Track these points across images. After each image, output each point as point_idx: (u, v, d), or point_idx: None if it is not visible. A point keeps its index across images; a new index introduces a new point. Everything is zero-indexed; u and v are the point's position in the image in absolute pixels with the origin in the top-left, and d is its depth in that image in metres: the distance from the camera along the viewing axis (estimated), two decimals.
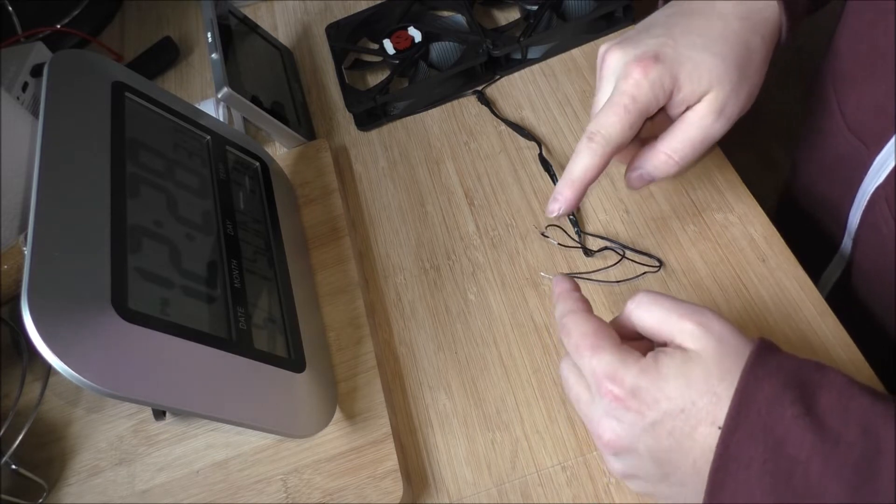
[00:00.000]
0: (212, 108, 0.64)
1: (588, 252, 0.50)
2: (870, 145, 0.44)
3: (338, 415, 0.46)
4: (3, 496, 0.47)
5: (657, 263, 0.48)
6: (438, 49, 0.64)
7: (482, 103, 0.61)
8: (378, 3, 0.69)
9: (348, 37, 0.68)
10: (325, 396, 0.45)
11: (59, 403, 0.52)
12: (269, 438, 0.46)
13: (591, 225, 0.52)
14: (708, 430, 0.31)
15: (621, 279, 0.49)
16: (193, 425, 0.49)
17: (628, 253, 0.49)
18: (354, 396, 0.47)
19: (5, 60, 0.70)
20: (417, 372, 0.49)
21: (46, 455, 0.50)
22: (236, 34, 0.62)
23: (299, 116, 0.64)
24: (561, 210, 0.41)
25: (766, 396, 0.30)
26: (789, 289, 0.45)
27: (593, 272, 0.49)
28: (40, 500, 0.48)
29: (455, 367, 0.49)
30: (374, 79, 0.66)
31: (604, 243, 0.50)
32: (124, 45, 0.80)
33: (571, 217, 0.52)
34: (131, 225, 0.40)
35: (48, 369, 0.53)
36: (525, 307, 0.50)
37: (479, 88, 0.62)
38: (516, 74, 0.62)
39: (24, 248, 0.54)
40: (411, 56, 0.63)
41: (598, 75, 0.43)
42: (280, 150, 0.63)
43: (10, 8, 0.76)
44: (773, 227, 0.48)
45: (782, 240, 0.47)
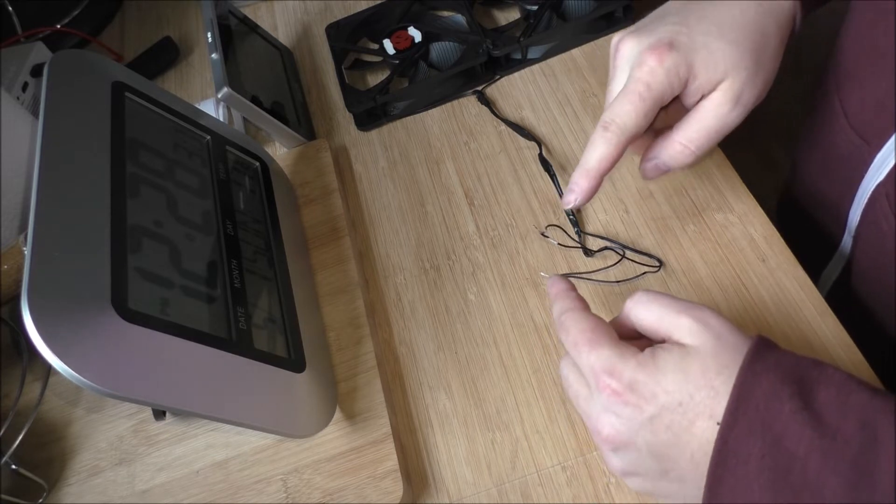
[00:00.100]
0: (212, 108, 0.64)
1: (588, 252, 0.50)
2: (871, 143, 0.44)
3: (338, 415, 0.46)
4: (3, 496, 0.47)
5: (657, 263, 0.48)
6: (438, 49, 0.64)
7: (482, 103, 0.61)
8: (378, 3, 0.69)
9: (348, 37, 0.68)
10: (325, 396, 0.45)
11: (59, 403, 0.52)
12: (269, 438, 0.46)
13: (591, 225, 0.52)
14: (706, 424, 0.31)
15: (621, 279, 0.49)
16: (193, 425, 0.49)
17: (628, 253, 0.49)
18: (354, 396, 0.47)
19: (5, 60, 0.70)
20: (417, 372, 0.49)
21: (46, 455, 0.50)
22: (236, 34, 0.62)
23: (299, 116, 0.64)
24: (577, 201, 0.41)
25: (765, 392, 0.30)
26: (789, 289, 0.45)
27: (593, 272, 0.49)
28: (40, 500, 0.48)
29: (455, 367, 0.49)
30: (374, 79, 0.66)
31: (604, 243, 0.50)
32: (124, 45, 0.80)
33: (571, 217, 0.52)
34: (131, 225, 0.40)
35: (48, 369, 0.53)
36: (525, 307, 0.50)
37: (479, 88, 0.62)
38: (516, 74, 0.62)
39: (24, 248, 0.54)
40: (411, 56, 0.63)
41: (612, 65, 0.42)
42: (280, 150, 0.63)
43: (10, 8, 0.76)
44: (773, 227, 0.48)
45: (782, 240, 0.47)
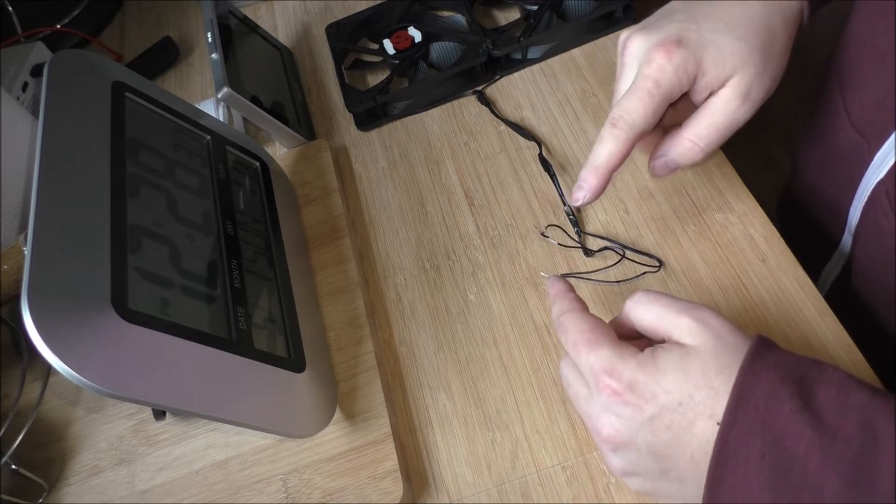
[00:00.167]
0: (212, 108, 0.64)
1: (588, 252, 0.50)
2: (871, 141, 0.44)
3: (338, 415, 0.46)
4: (3, 496, 0.47)
5: (657, 263, 0.48)
6: (438, 49, 0.64)
7: (482, 103, 0.61)
8: (378, 3, 0.69)
9: (348, 37, 0.68)
10: (325, 396, 0.45)
11: (59, 403, 0.52)
12: (269, 438, 0.46)
13: (591, 225, 0.52)
14: (706, 424, 0.31)
15: (621, 279, 0.49)
16: (193, 425, 0.49)
17: (628, 253, 0.49)
18: (354, 396, 0.47)
19: (5, 60, 0.70)
20: (417, 372, 0.49)
21: (46, 455, 0.50)
22: (236, 34, 0.62)
23: (299, 116, 0.64)
24: (586, 198, 0.41)
25: (765, 391, 0.30)
26: (789, 289, 0.45)
27: (593, 272, 0.49)
28: (40, 500, 0.48)
29: (455, 367, 0.49)
30: (374, 79, 0.66)
31: (604, 243, 0.50)
32: (124, 45, 0.80)
33: (571, 217, 0.52)
34: (131, 225, 0.40)
35: (48, 369, 0.53)
36: (525, 307, 0.50)
37: (479, 88, 0.62)
38: (516, 74, 0.62)
39: (24, 248, 0.54)
40: (411, 56, 0.63)
41: (620, 62, 0.42)
42: (280, 150, 0.63)
43: (10, 8, 0.76)
44: (773, 227, 0.48)
45: (782, 240, 0.47)
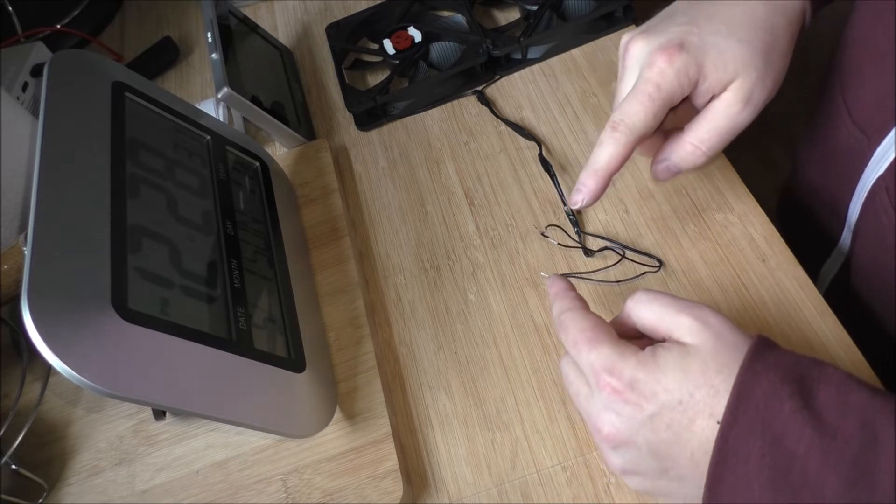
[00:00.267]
0: (212, 108, 0.64)
1: (588, 252, 0.50)
2: (871, 136, 0.44)
3: (338, 415, 0.46)
4: (3, 496, 0.47)
5: (657, 263, 0.48)
6: (438, 49, 0.64)
7: (482, 103, 0.61)
8: (378, 3, 0.69)
9: (348, 37, 0.68)
10: (325, 396, 0.45)
11: (59, 403, 0.52)
12: (269, 438, 0.46)
13: (591, 225, 0.52)
14: (706, 423, 0.31)
15: (621, 279, 0.49)
16: (193, 425, 0.49)
17: (628, 253, 0.49)
18: (354, 396, 0.47)
19: (5, 60, 0.70)
20: (417, 372, 0.49)
21: (46, 455, 0.50)
22: (236, 34, 0.62)
23: (299, 116, 0.64)
24: (585, 201, 0.40)
25: (765, 391, 0.30)
26: (789, 289, 0.45)
27: (593, 272, 0.49)
28: (40, 500, 0.48)
29: (455, 367, 0.49)
30: (374, 79, 0.66)
31: (604, 243, 0.50)
32: (124, 45, 0.80)
33: (571, 217, 0.52)
34: (131, 225, 0.40)
35: (48, 369, 0.53)
36: (525, 307, 0.50)
37: (479, 88, 0.62)
38: (516, 74, 0.62)
39: (24, 248, 0.54)
40: (411, 56, 0.63)
41: (621, 65, 0.42)
42: (280, 150, 0.63)
43: (10, 8, 0.76)
44: (773, 227, 0.48)
45: (782, 240, 0.47)
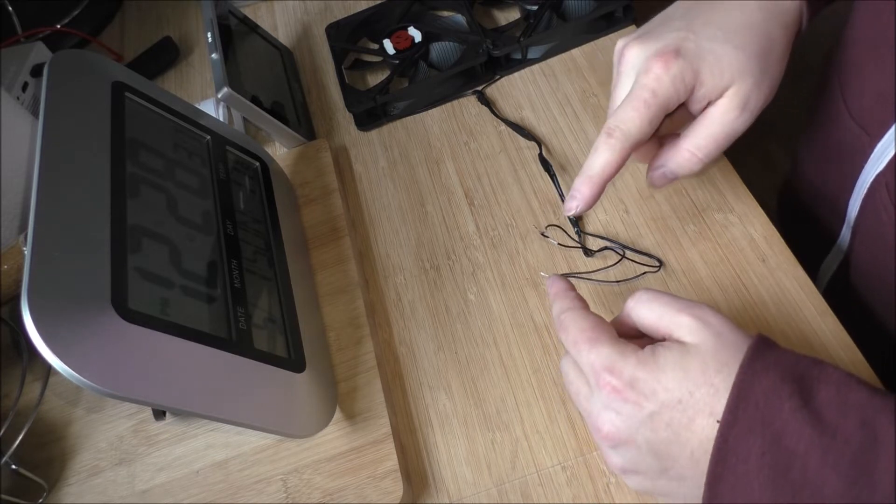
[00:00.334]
0: (212, 108, 0.64)
1: (588, 252, 0.50)
2: (871, 133, 0.44)
3: (338, 415, 0.46)
4: (3, 496, 0.47)
5: (657, 263, 0.48)
6: (438, 49, 0.64)
7: (482, 103, 0.61)
8: (378, 3, 0.69)
9: (348, 37, 0.68)
10: (325, 396, 0.45)
11: (59, 403, 0.52)
12: (269, 438, 0.46)
13: (591, 225, 0.52)
14: (706, 422, 0.31)
15: (621, 279, 0.49)
16: (193, 425, 0.49)
17: (628, 253, 0.49)
18: (354, 396, 0.47)
19: (5, 60, 0.70)
20: (417, 372, 0.49)
21: (46, 455, 0.50)
22: (236, 34, 0.62)
23: (299, 116, 0.64)
24: (579, 208, 0.40)
25: (764, 390, 0.30)
26: (789, 289, 0.45)
27: (593, 272, 0.49)
28: (40, 500, 0.48)
29: (455, 367, 0.49)
30: (374, 79, 0.66)
31: (604, 243, 0.50)
32: (124, 45, 0.80)
33: (571, 217, 0.52)
34: (131, 225, 0.40)
35: (48, 369, 0.53)
36: (525, 307, 0.50)
37: (479, 88, 0.62)
38: (516, 74, 0.62)
39: (24, 248, 0.54)
40: (411, 56, 0.63)
41: (616, 70, 0.42)
42: (280, 150, 0.63)
43: (10, 8, 0.76)
44: (773, 227, 0.48)
45: (782, 240, 0.47)
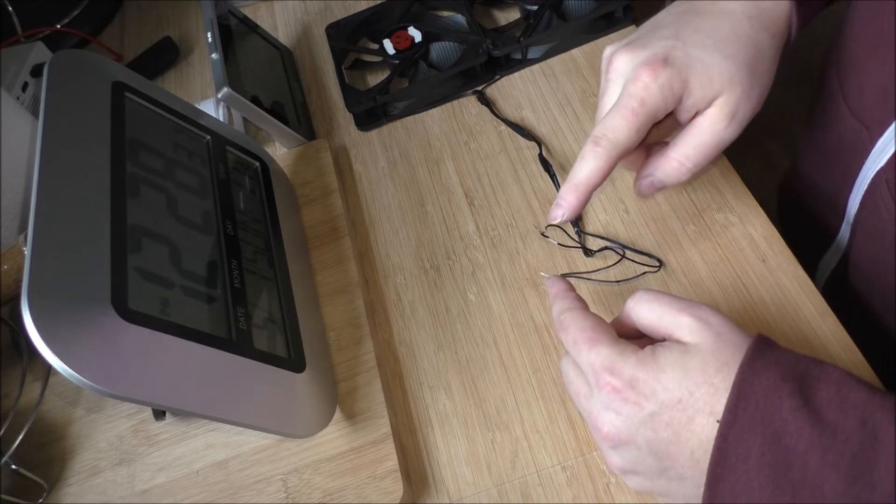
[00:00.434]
0: (212, 108, 0.64)
1: (588, 252, 0.50)
2: (871, 129, 0.44)
3: (338, 415, 0.46)
4: (3, 496, 0.47)
5: (657, 263, 0.48)
6: (438, 49, 0.64)
7: (482, 103, 0.61)
8: (378, 3, 0.69)
9: (348, 37, 0.68)
10: (325, 396, 0.45)
11: (59, 403, 0.52)
12: (269, 438, 0.46)
13: (591, 225, 0.52)
14: (706, 421, 0.31)
15: (621, 279, 0.49)
16: (193, 425, 0.49)
17: (628, 253, 0.49)
18: (354, 396, 0.47)
19: (5, 60, 0.70)
20: (417, 372, 0.49)
21: (46, 455, 0.50)
22: (236, 34, 0.62)
23: (299, 116, 0.64)
24: (564, 216, 0.40)
25: (764, 389, 0.30)
26: (789, 289, 0.45)
27: (593, 272, 0.49)
28: (40, 500, 0.48)
29: (455, 367, 0.49)
30: (374, 79, 0.66)
31: (604, 243, 0.50)
32: (124, 45, 0.80)
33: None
34: (131, 225, 0.40)
35: (48, 369, 0.53)
36: (525, 307, 0.50)
37: (479, 88, 0.62)
38: (516, 74, 0.62)
39: (24, 248, 0.54)
40: (411, 56, 0.63)
41: (604, 78, 0.42)
42: (280, 150, 0.63)
43: (10, 8, 0.76)
44: (773, 227, 0.48)
45: (782, 240, 0.47)
